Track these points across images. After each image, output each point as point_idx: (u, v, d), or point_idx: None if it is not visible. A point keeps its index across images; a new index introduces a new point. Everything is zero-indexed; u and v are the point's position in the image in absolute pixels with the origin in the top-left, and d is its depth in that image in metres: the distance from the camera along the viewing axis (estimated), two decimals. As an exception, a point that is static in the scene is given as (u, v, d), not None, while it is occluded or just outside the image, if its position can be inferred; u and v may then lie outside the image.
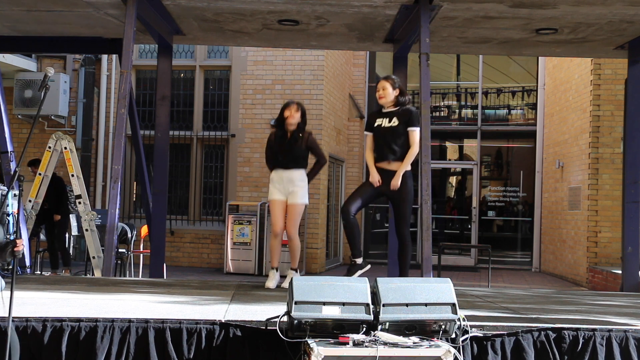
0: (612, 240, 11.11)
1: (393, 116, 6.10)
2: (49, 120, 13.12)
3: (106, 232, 6.75)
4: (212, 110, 13.36)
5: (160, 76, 8.44)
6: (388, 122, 6.09)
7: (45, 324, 4.04)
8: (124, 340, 4.02)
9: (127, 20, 7.00)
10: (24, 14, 7.77)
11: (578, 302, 6.30)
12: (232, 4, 7.26)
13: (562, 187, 13.28)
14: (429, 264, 6.62)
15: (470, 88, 15.81)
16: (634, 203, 7.83)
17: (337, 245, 14.57)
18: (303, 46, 9.73)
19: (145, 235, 10.19)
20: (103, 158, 13.57)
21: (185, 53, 13.43)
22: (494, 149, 16.35)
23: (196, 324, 4.10)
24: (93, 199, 12.95)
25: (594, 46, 8.40)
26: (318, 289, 3.91)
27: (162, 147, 8.30)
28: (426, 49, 6.86)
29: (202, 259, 12.91)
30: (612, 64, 11.26)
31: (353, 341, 3.68)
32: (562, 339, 4.26)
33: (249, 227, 12.05)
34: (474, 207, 15.33)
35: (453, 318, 3.95)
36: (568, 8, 7.02)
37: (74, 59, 13.39)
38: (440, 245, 11.41)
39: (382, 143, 6.11)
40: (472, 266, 14.87)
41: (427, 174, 6.65)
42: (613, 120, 11.38)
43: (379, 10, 7.25)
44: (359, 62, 15.38)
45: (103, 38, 8.68)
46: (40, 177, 8.79)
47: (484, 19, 7.45)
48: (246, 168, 12.86)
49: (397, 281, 4.08)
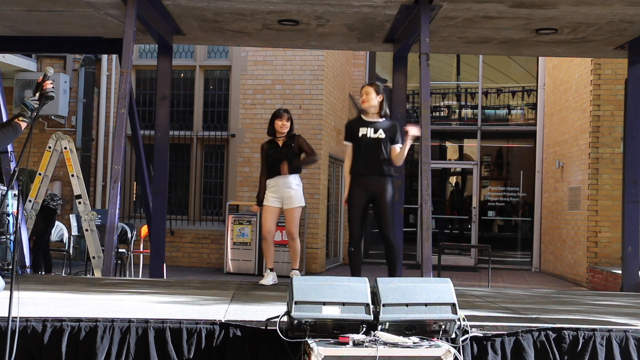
0: (612, 240, 11.11)
1: (379, 127, 6.01)
2: (49, 120, 13.13)
3: (106, 232, 6.75)
4: (212, 110, 13.36)
5: (160, 76, 8.44)
6: (374, 133, 5.98)
7: (45, 324, 4.04)
8: (124, 340, 4.02)
9: (127, 20, 7.00)
10: (24, 14, 7.77)
11: (578, 302, 6.30)
12: (232, 4, 7.26)
13: (562, 187, 13.28)
14: (429, 264, 6.61)
15: (470, 88, 15.81)
16: (634, 203, 7.83)
17: (337, 245, 14.56)
18: (303, 46, 9.73)
19: (145, 235, 10.19)
20: (103, 158, 13.57)
21: (185, 53, 13.43)
22: (494, 149, 16.36)
23: (196, 324, 4.10)
24: (93, 199, 12.95)
25: (594, 46, 8.40)
26: (318, 289, 3.91)
27: (162, 147, 8.30)
28: (426, 49, 6.86)
29: (202, 259, 12.92)
30: (612, 64, 11.26)
31: (353, 341, 3.68)
32: (562, 339, 4.26)
33: (249, 227, 12.05)
34: (474, 207, 15.33)
35: (453, 318, 3.95)
36: (568, 8, 7.02)
37: (74, 59, 13.39)
38: (440, 245, 11.42)
39: (366, 154, 6.00)
40: (472, 266, 14.88)
41: (427, 174, 6.64)
42: (613, 120, 11.38)
43: (379, 10, 7.25)
44: (359, 62, 15.38)
45: (103, 38, 8.68)
46: (40, 177, 8.79)
47: (484, 19, 7.45)
48: (246, 168, 12.86)
49: (397, 281, 4.08)
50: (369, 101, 6.10)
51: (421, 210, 6.71)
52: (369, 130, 6.01)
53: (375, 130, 6.01)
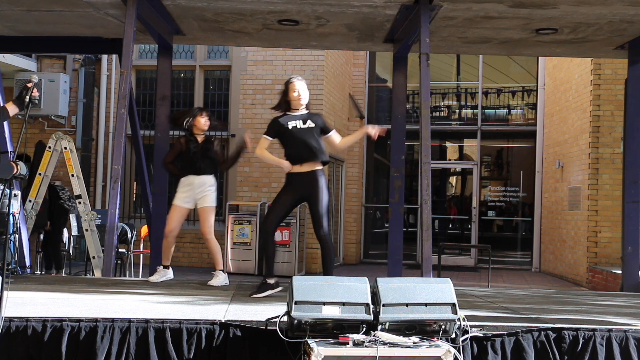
0: (612, 240, 11.11)
1: (307, 119, 5.85)
2: (49, 120, 13.12)
3: (106, 232, 6.76)
4: (212, 110, 13.31)
5: (160, 76, 8.44)
6: (303, 124, 5.82)
7: (45, 324, 4.04)
8: (124, 340, 4.02)
9: (127, 20, 7.00)
10: (24, 14, 7.77)
11: (578, 302, 6.30)
12: (232, 4, 7.26)
13: (562, 187, 13.28)
14: (429, 264, 6.61)
15: (470, 88, 15.81)
16: (634, 203, 7.83)
17: (337, 245, 14.56)
18: (303, 46, 9.73)
19: (145, 235, 10.19)
20: (103, 158, 13.57)
21: (185, 53, 13.43)
22: (494, 149, 16.35)
23: (196, 324, 4.10)
24: (93, 199, 12.95)
25: (594, 46, 8.40)
26: (318, 289, 3.91)
27: (162, 147, 8.29)
28: (426, 49, 6.86)
29: (202, 259, 12.90)
30: (612, 64, 11.26)
31: (353, 341, 3.68)
32: (562, 339, 4.26)
33: (249, 227, 12.05)
34: (474, 207, 15.33)
35: (453, 318, 3.95)
36: (568, 8, 7.02)
37: (74, 59, 13.39)
38: (440, 245, 11.41)
39: (300, 144, 5.78)
40: (472, 266, 14.87)
41: (427, 174, 6.64)
42: (613, 120, 11.38)
43: (379, 10, 7.25)
44: (359, 62, 15.38)
45: (103, 38, 8.68)
46: (40, 177, 8.79)
47: (484, 19, 7.45)
48: (246, 168, 12.86)
49: (397, 281, 4.09)
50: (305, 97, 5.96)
51: (421, 210, 6.71)
52: (298, 122, 5.82)
53: (304, 121, 5.88)
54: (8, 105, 4.69)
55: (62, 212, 9.94)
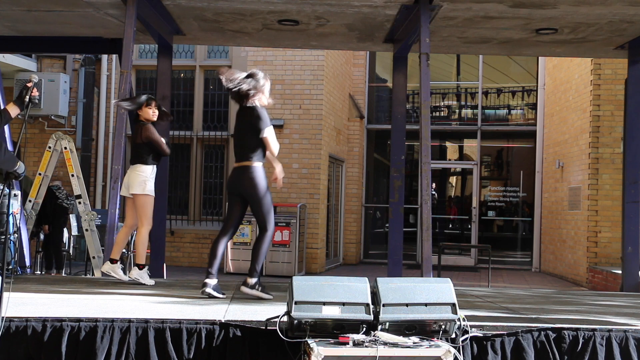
0: (612, 240, 11.11)
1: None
2: (49, 120, 13.13)
3: (106, 232, 6.75)
4: (212, 110, 13.36)
5: (160, 76, 8.44)
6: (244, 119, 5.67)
7: (45, 324, 4.04)
8: (124, 340, 4.02)
9: (127, 20, 7.00)
10: (24, 14, 7.77)
11: (578, 302, 6.30)
12: (232, 4, 7.26)
13: (562, 187, 13.28)
14: (429, 264, 6.61)
15: (470, 88, 15.81)
16: (634, 203, 7.83)
17: (337, 245, 14.57)
18: (303, 46, 9.73)
19: (145, 235, 10.16)
20: (103, 158, 13.57)
21: (185, 53, 13.43)
22: (494, 149, 16.35)
23: (196, 324, 4.11)
24: (93, 199, 12.95)
25: (594, 46, 8.40)
26: (318, 289, 3.91)
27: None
28: (426, 49, 6.86)
29: (202, 259, 12.89)
30: (612, 64, 11.26)
31: (353, 341, 3.68)
32: (562, 339, 4.26)
33: (249, 227, 12.05)
34: (474, 207, 15.33)
35: (453, 318, 3.96)
36: (568, 8, 7.02)
37: (74, 59, 13.39)
38: (440, 245, 11.41)
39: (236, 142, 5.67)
40: (472, 266, 14.87)
41: (427, 174, 6.64)
42: (613, 120, 11.38)
43: (379, 10, 7.25)
44: (359, 62, 15.37)
45: (103, 38, 8.68)
46: (40, 177, 8.79)
47: (484, 19, 7.45)
48: (246, 168, 12.83)
49: (397, 281, 4.09)
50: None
51: (421, 210, 6.71)
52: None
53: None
54: (9, 107, 4.69)
55: (62, 211, 9.95)
